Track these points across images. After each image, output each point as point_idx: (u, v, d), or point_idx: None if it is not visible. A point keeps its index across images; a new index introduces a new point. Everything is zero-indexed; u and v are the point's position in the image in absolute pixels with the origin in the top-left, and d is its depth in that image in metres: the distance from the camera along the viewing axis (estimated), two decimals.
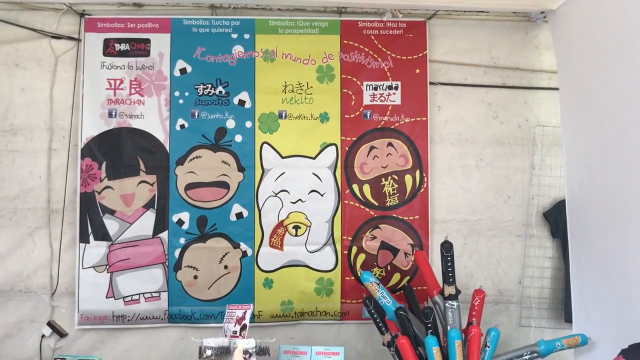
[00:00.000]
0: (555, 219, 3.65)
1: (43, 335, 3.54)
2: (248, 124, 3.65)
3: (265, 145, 3.65)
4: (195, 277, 3.59)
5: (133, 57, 3.61)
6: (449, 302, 3.11)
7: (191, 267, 3.59)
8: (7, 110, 3.60)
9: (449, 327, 3.08)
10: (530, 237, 3.72)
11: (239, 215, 3.62)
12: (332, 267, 3.64)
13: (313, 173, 3.67)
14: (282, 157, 3.66)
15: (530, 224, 3.72)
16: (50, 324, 3.54)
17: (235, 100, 3.65)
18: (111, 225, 3.56)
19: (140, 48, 3.62)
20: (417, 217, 3.66)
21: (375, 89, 3.69)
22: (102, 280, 3.54)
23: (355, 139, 3.68)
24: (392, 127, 3.69)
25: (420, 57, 3.69)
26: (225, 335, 2.94)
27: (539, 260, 3.72)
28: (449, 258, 3.12)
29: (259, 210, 3.63)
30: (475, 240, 3.71)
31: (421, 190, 3.67)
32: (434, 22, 3.73)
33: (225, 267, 3.61)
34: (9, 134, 3.59)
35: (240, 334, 2.89)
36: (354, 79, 3.69)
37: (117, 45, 3.61)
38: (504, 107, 3.77)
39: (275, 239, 3.64)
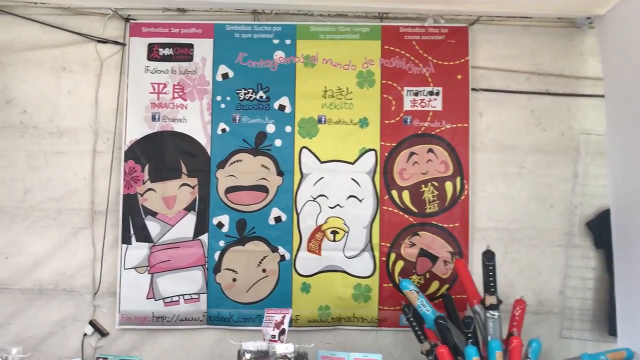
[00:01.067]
0: (599, 229, 3.58)
1: (85, 334, 3.60)
2: (288, 129, 3.66)
3: (304, 149, 3.66)
4: (234, 279, 3.62)
5: (176, 62, 3.67)
6: (490, 312, 3.07)
7: (230, 269, 3.62)
8: (54, 112, 3.68)
9: (489, 338, 3.04)
10: (572, 247, 3.65)
11: (278, 219, 3.64)
12: (370, 273, 3.63)
13: (352, 178, 3.66)
14: (321, 162, 3.67)
15: (572, 234, 3.65)
16: (92, 323, 3.61)
17: (276, 105, 3.67)
18: (153, 227, 3.61)
19: (183, 53, 3.67)
20: (457, 224, 3.62)
21: (416, 94, 3.67)
22: (143, 281, 3.59)
23: (394, 144, 3.67)
24: (433, 133, 3.66)
25: (462, 62, 3.66)
26: (264, 339, 2.96)
27: (582, 270, 3.64)
28: (490, 267, 3.09)
29: (297, 215, 3.65)
30: (516, 249, 3.66)
31: (462, 198, 3.63)
32: (477, 27, 3.70)
33: (264, 270, 3.63)
34: (55, 136, 3.68)
35: (279, 339, 2.91)
36: (394, 84, 3.67)
37: (161, 49, 3.67)
38: (547, 114, 3.71)
39: (313, 243, 3.65)
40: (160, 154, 3.64)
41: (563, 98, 3.71)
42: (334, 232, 3.64)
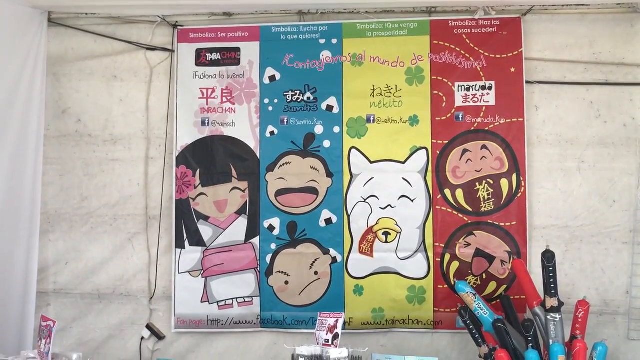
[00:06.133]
0: None
1: (142, 338, 3.67)
2: (336, 129, 3.62)
3: (353, 150, 3.62)
4: (287, 282, 3.61)
5: (224, 66, 3.68)
6: (551, 314, 2.96)
7: (282, 272, 3.62)
8: (107, 120, 3.76)
9: (551, 341, 2.93)
10: (638, 244, 3.47)
11: (328, 221, 3.61)
12: (424, 274, 3.55)
13: (403, 178, 3.59)
14: (371, 162, 3.61)
15: (638, 230, 3.47)
16: (149, 327, 3.68)
17: (324, 106, 3.63)
18: (205, 231, 3.64)
19: (230, 57, 3.68)
20: (514, 223, 3.50)
21: (468, 89, 3.57)
22: (197, 284, 3.63)
23: (446, 142, 3.57)
24: (487, 129, 3.55)
25: (516, 55, 3.53)
26: (317, 343, 2.93)
27: None
28: (550, 268, 2.97)
29: (348, 216, 3.60)
30: (578, 247, 3.51)
31: (518, 195, 3.51)
32: (530, 18, 3.56)
33: (316, 272, 3.60)
34: (109, 144, 3.75)
35: (332, 343, 2.87)
36: (444, 80, 3.58)
37: (208, 54, 3.69)
38: (608, 105, 3.54)
39: (364, 245, 3.60)
40: (210, 158, 3.66)
41: (624, 88, 3.53)
42: (386, 233, 3.58)
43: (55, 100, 3.77)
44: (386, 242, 3.58)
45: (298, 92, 3.64)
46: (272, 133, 3.65)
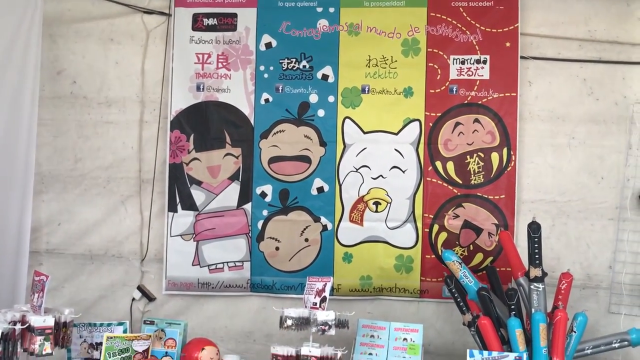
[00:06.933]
0: None
1: (133, 299, 3.72)
2: (331, 99, 3.64)
3: (347, 120, 3.64)
4: (277, 248, 3.66)
5: (220, 32, 3.68)
6: (535, 284, 3.01)
7: (273, 238, 3.66)
8: (103, 83, 3.76)
9: (533, 310, 2.99)
10: (623, 220, 3.53)
11: (320, 190, 3.65)
12: (413, 244, 3.61)
13: (395, 149, 3.63)
14: (364, 133, 3.64)
15: (624, 207, 3.52)
16: (140, 288, 3.72)
17: (319, 75, 3.65)
18: (198, 195, 3.67)
19: (227, 23, 3.68)
20: (503, 196, 3.55)
21: (463, 62, 3.59)
22: (189, 248, 3.67)
23: (440, 114, 3.60)
24: (480, 102, 3.57)
25: (512, 30, 3.54)
26: (305, 307, 2.98)
27: (633, 245, 3.52)
28: (536, 239, 3.02)
29: (340, 185, 3.64)
30: (564, 222, 3.56)
31: (508, 169, 3.55)
32: None
33: (306, 240, 3.65)
34: (104, 106, 3.76)
35: (320, 306, 2.93)
36: (440, 52, 3.60)
37: (205, 19, 3.69)
38: (600, 83, 3.57)
39: (355, 214, 3.64)
40: (204, 123, 3.68)
41: (617, 66, 3.56)
42: (377, 203, 3.63)
43: (50, 62, 3.76)
44: (376, 211, 3.62)
45: (294, 60, 3.65)
46: (266, 100, 3.67)
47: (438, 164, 3.60)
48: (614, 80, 3.56)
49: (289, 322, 2.90)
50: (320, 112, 3.64)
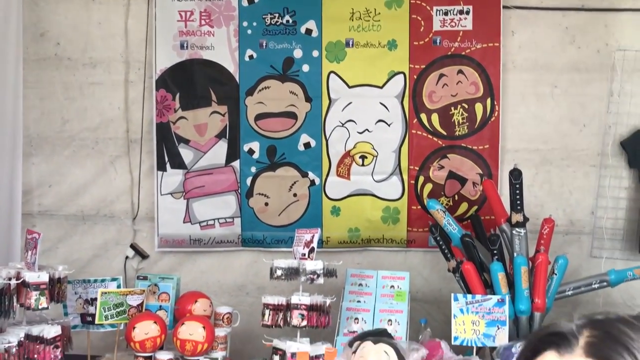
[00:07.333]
0: (634, 148, 3.51)
1: (127, 257, 3.78)
2: (315, 54, 3.65)
3: (332, 74, 3.65)
4: (266, 204, 3.72)
5: None
6: (517, 229, 3.09)
7: (262, 194, 3.72)
8: (86, 44, 3.74)
9: (515, 254, 3.07)
10: (605, 167, 3.59)
11: (307, 145, 3.69)
12: (399, 196, 3.67)
13: (380, 102, 3.66)
14: (349, 87, 3.66)
15: (605, 154, 3.59)
16: (132, 247, 3.78)
17: (302, 30, 3.64)
18: (186, 154, 3.71)
19: None
20: (487, 146, 3.60)
21: (446, 13, 3.59)
22: (179, 206, 3.72)
23: (424, 66, 3.62)
24: (463, 53, 3.59)
25: None
26: (295, 258, 3.06)
27: (614, 190, 3.60)
28: (517, 185, 3.08)
29: (326, 140, 3.68)
30: (548, 170, 3.63)
31: (492, 119, 3.59)
32: None
33: (295, 195, 3.71)
34: (89, 67, 3.75)
35: (308, 257, 3.00)
36: (423, 4, 3.59)
37: None
38: (582, 31, 3.58)
39: (342, 168, 3.69)
40: (190, 82, 3.68)
41: (600, 13, 3.56)
42: (363, 157, 3.67)
43: (33, 23, 3.73)
44: (363, 165, 3.67)
45: (277, 15, 3.64)
46: (250, 57, 3.67)
47: (423, 116, 3.64)
48: (596, 28, 3.57)
49: (279, 272, 2.98)
50: (305, 67, 3.65)
